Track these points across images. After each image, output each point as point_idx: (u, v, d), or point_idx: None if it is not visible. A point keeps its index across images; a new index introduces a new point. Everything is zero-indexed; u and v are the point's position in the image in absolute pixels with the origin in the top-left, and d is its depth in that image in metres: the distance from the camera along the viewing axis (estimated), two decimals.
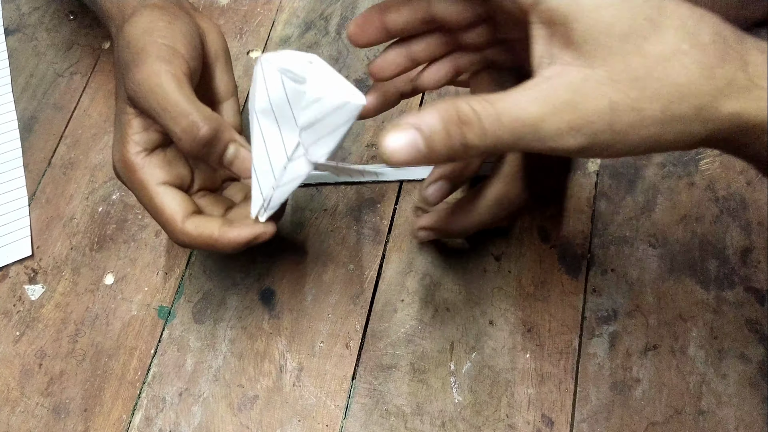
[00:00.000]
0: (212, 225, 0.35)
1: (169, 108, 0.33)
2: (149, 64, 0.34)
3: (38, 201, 0.50)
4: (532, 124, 0.25)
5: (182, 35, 0.36)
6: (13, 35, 0.58)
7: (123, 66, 0.35)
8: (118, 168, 0.37)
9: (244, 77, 0.53)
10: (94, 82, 0.55)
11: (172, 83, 0.33)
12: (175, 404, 0.43)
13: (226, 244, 0.35)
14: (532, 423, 0.40)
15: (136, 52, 0.34)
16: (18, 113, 0.54)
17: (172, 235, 0.36)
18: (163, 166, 0.37)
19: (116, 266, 0.47)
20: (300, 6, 0.56)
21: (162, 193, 0.36)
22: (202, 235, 0.35)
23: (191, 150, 0.34)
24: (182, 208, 0.36)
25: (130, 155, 0.36)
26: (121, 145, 0.36)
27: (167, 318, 0.45)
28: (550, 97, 0.25)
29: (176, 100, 0.33)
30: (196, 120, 0.33)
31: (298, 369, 0.43)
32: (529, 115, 0.25)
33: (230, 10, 0.57)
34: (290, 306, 0.45)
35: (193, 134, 0.33)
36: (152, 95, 0.33)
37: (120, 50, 0.36)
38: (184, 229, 0.35)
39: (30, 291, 0.47)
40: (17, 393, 0.44)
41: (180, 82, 0.34)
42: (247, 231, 0.35)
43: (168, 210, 0.35)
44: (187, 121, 0.33)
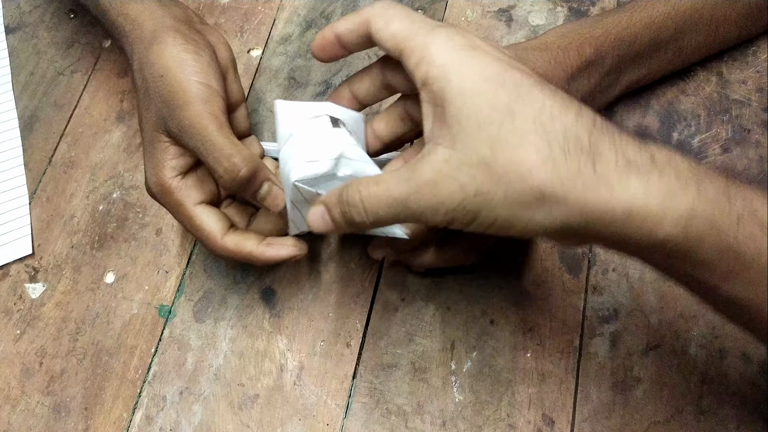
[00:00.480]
0: (250, 243, 0.39)
1: (214, 150, 0.37)
2: (193, 106, 0.37)
3: (39, 199, 0.50)
4: (402, 202, 0.29)
5: (211, 68, 0.39)
6: (14, 33, 0.58)
7: (159, 99, 0.38)
8: (155, 191, 0.40)
9: (244, 75, 0.53)
10: (95, 81, 0.55)
11: (214, 125, 0.37)
12: (176, 403, 0.43)
13: (264, 260, 0.39)
14: (532, 422, 0.40)
15: (176, 91, 0.37)
16: (18, 111, 0.54)
17: (212, 250, 0.39)
18: (197, 186, 0.40)
19: (117, 265, 0.47)
20: (301, 4, 0.56)
21: (200, 213, 0.39)
22: (242, 251, 0.39)
23: (230, 187, 0.38)
24: (219, 225, 0.39)
25: (167, 179, 0.39)
26: (158, 170, 0.39)
27: (168, 317, 0.45)
28: (415, 178, 0.28)
29: (220, 142, 0.36)
30: (237, 162, 0.36)
31: (299, 368, 0.43)
32: (399, 194, 0.29)
33: (231, 9, 0.57)
34: (291, 305, 0.45)
35: (234, 174, 0.36)
36: (198, 137, 0.37)
37: (149, 78, 0.39)
38: (225, 245, 0.39)
39: (30, 289, 0.47)
40: (18, 392, 0.44)
41: (221, 124, 0.37)
42: (285, 251, 0.39)
43: (207, 228, 0.39)
44: (229, 162, 0.36)
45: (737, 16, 0.45)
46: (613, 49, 0.42)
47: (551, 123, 0.27)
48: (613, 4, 0.52)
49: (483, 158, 0.27)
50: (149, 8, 0.42)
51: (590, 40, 0.42)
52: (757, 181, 0.44)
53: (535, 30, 0.52)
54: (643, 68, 0.45)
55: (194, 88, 0.38)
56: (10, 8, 0.60)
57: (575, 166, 0.26)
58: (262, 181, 0.38)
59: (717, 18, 0.44)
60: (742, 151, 0.45)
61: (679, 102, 0.48)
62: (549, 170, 0.26)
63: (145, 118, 0.40)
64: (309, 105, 0.36)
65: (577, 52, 0.41)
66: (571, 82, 0.41)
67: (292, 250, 0.40)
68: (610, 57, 0.42)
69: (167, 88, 0.38)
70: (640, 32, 0.43)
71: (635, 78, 0.45)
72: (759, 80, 0.47)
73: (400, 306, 0.44)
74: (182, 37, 0.40)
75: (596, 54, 0.42)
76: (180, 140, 0.38)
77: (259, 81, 0.53)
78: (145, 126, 0.40)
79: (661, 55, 0.45)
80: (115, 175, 0.51)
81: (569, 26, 0.43)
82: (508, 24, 0.52)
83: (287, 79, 0.53)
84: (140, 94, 0.40)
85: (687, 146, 0.46)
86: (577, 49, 0.41)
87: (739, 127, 0.46)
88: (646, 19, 0.43)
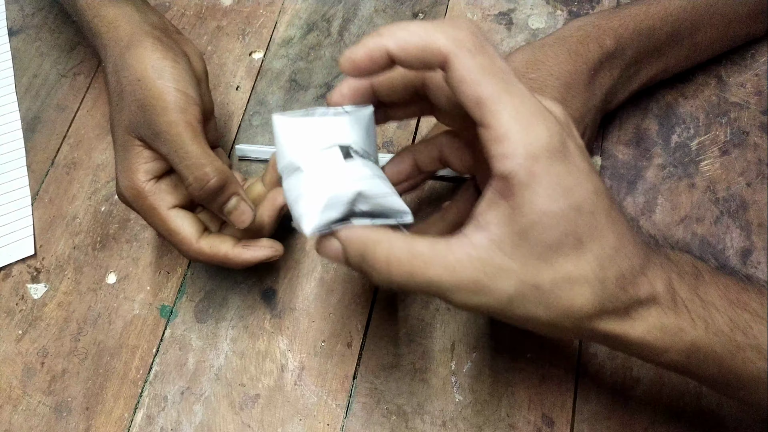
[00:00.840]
0: (225, 245, 0.39)
1: (186, 157, 0.37)
2: (170, 114, 0.37)
3: (41, 200, 0.51)
4: (433, 285, 0.27)
5: (188, 76, 0.39)
6: (17, 36, 0.59)
7: (135, 103, 0.38)
8: (127, 195, 0.39)
9: (246, 78, 0.54)
10: (98, 83, 0.55)
11: (189, 133, 0.37)
12: (177, 403, 0.43)
13: (240, 262, 0.39)
14: (532, 423, 0.40)
15: (154, 97, 0.38)
16: (21, 113, 0.55)
17: (187, 253, 0.39)
18: (171, 191, 0.40)
19: (118, 265, 0.48)
20: (302, 8, 0.56)
21: (174, 217, 0.39)
22: (218, 254, 0.39)
23: (198, 196, 0.38)
24: (194, 229, 0.39)
25: (140, 183, 0.39)
26: (131, 173, 0.39)
27: (169, 317, 0.45)
28: (459, 271, 0.26)
29: (193, 151, 0.37)
30: (208, 171, 0.37)
31: (300, 368, 0.43)
32: (434, 277, 0.27)
33: (233, 12, 0.57)
34: (292, 305, 0.45)
35: (203, 183, 0.37)
36: (172, 144, 0.37)
37: (125, 82, 0.39)
38: (201, 248, 0.39)
39: (33, 290, 0.47)
40: (19, 391, 0.44)
41: (195, 133, 0.38)
42: (261, 252, 0.40)
43: (182, 232, 0.39)
44: (200, 171, 0.37)
45: (749, 13, 0.45)
46: (632, 40, 0.42)
47: (610, 265, 0.27)
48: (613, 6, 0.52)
49: (538, 281, 0.26)
50: (127, 12, 0.42)
51: (609, 31, 0.42)
52: (756, 181, 0.45)
53: (535, 33, 0.52)
54: (660, 62, 0.45)
55: (171, 95, 0.38)
56: (13, 11, 0.60)
57: (614, 303, 0.27)
58: (231, 194, 0.38)
59: (729, 14, 0.44)
60: (740, 154, 0.46)
61: (678, 105, 0.48)
62: (595, 308, 0.27)
63: (117, 120, 0.40)
64: (313, 125, 0.30)
65: (597, 44, 0.41)
66: (594, 76, 0.41)
67: (268, 251, 0.40)
68: (630, 49, 0.42)
69: (144, 92, 0.38)
70: (657, 25, 0.43)
71: (653, 72, 0.45)
72: (757, 83, 0.48)
73: (401, 306, 0.44)
74: (160, 44, 0.40)
75: (617, 45, 0.41)
76: (153, 145, 0.38)
77: (261, 84, 0.53)
78: (117, 129, 0.40)
79: (677, 50, 0.45)
80: None
81: (586, 19, 0.43)
82: (508, 27, 0.53)
83: (289, 82, 0.53)
84: (113, 96, 0.40)
85: (686, 148, 0.46)
86: (596, 40, 0.41)
87: (737, 129, 0.47)
88: (662, 12, 0.43)
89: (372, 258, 0.27)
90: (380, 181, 0.30)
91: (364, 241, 0.28)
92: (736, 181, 0.45)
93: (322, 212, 0.29)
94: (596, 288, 0.26)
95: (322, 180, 0.29)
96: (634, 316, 0.28)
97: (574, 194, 0.26)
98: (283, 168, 0.31)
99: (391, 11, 0.55)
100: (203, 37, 0.56)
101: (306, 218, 0.29)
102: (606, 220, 0.27)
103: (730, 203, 0.44)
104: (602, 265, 0.26)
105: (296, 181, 0.30)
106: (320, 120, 0.30)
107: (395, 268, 0.27)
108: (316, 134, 0.30)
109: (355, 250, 0.28)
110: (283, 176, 0.31)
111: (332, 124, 0.30)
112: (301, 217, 0.29)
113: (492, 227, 0.26)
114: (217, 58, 0.55)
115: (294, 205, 0.30)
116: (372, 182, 0.30)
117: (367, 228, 0.29)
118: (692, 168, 0.46)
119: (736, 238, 0.43)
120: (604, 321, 0.27)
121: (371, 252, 0.27)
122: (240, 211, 0.39)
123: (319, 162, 0.30)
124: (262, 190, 0.43)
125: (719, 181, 0.45)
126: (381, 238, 0.28)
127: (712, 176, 0.45)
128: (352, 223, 0.29)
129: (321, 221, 0.29)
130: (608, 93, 0.43)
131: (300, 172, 0.30)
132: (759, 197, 0.44)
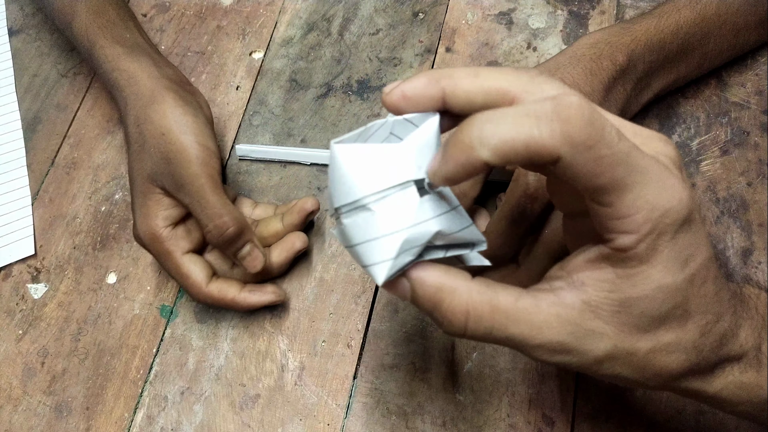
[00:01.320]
0: (232, 290, 0.42)
1: (207, 206, 0.40)
2: (193, 167, 0.40)
3: (41, 200, 0.51)
4: (519, 344, 0.25)
5: (207, 129, 0.43)
6: (17, 36, 0.59)
7: (158, 155, 0.41)
8: (145, 239, 0.42)
9: (246, 77, 0.54)
10: (98, 83, 0.55)
11: (210, 185, 0.40)
12: (177, 403, 0.43)
13: (245, 306, 0.42)
14: (533, 423, 0.40)
15: (178, 150, 0.41)
16: (21, 113, 0.55)
17: (197, 296, 0.42)
18: (185, 237, 0.43)
19: (119, 265, 0.48)
20: (302, 7, 0.56)
21: (187, 262, 0.42)
22: (225, 298, 0.42)
23: (216, 242, 0.41)
24: (204, 274, 0.42)
25: (159, 228, 0.42)
26: (149, 219, 0.42)
27: (169, 317, 0.45)
28: (548, 333, 0.24)
29: (213, 201, 0.40)
30: (227, 221, 0.40)
31: (300, 368, 0.43)
32: (521, 339, 0.24)
33: (233, 12, 0.57)
34: (292, 305, 0.45)
35: (222, 231, 0.40)
36: (195, 194, 0.40)
37: (148, 135, 0.42)
38: (210, 292, 0.41)
39: (33, 290, 0.47)
40: (20, 391, 0.44)
41: (216, 184, 0.41)
42: (266, 297, 0.42)
43: (193, 276, 0.41)
44: (220, 220, 0.40)
45: (757, 22, 0.45)
46: (643, 55, 0.42)
47: (710, 333, 0.26)
48: (613, 7, 0.52)
49: (634, 349, 0.25)
50: (145, 67, 0.45)
51: (621, 48, 0.42)
52: (757, 181, 0.45)
53: (535, 33, 0.52)
54: (672, 74, 0.45)
55: (194, 149, 0.41)
56: (13, 11, 0.60)
57: (703, 365, 0.26)
58: (246, 241, 0.41)
59: (739, 24, 0.44)
60: (741, 153, 0.46)
61: (678, 104, 0.48)
62: (685, 370, 0.26)
63: (138, 169, 0.42)
64: (380, 155, 0.25)
65: (611, 61, 0.41)
66: (609, 93, 0.41)
67: (272, 296, 0.43)
68: (641, 63, 0.42)
69: (168, 146, 0.41)
70: (668, 38, 0.43)
71: (665, 83, 0.45)
72: (758, 83, 0.48)
73: (401, 307, 0.44)
74: (180, 99, 0.43)
75: (628, 61, 0.41)
76: (175, 194, 0.41)
77: (261, 83, 0.53)
78: (136, 177, 0.43)
79: (688, 61, 0.45)
80: (118, 176, 0.51)
81: (597, 35, 0.43)
82: (509, 27, 0.53)
83: (289, 81, 0.53)
84: (134, 146, 0.43)
85: (686, 148, 0.46)
86: (609, 58, 0.41)
87: (738, 129, 0.47)
88: (673, 25, 0.43)
89: (448, 310, 0.25)
90: (456, 214, 0.26)
91: (438, 288, 0.25)
92: (736, 181, 0.45)
93: (395, 259, 0.25)
94: (691, 354, 0.25)
95: (395, 222, 0.25)
96: (716, 373, 0.27)
97: (691, 266, 0.24)
98: (343, 204, 0.26)
99: (391, 11, 0.55)
100: (203, 36, 0.56)
101: (379, 267, 0.25)
102: (713, 287, 0.25)
103: (731, 203, 0.44)
104: (703, 334, 0.25)
105: (363, 221, 0.26)
106: (388, 149, 0.26)
107: (473, 323, 0.24)
108: (386, 166, 0.26)
109: (428, 298, 0.25)
110: (343, 212, 0.27)
111: (401, 152, 0.26)
112: (372, 265, 0.26)
113: (589, 289, 0.24)
114: (217, 57, 0.55)
115: (360, 248, 0.26)
116: (449, 217, 0.26)
117: (441, 272, 0.25)
118: (693, 168, 0.46)
119: (736, 238, 0.43)
120: (688, 380, 0.26)
121: (447, 302, 0.25)
122: (252, 257, 0.42)
123: (392, 201, 0.26)
124: (280, 229, 0.45)
125: (720, 180, 0.45)
126: (458, 287, 0.25)
127: (713, 176, 0.45)
128: (423, 258, 0.26)
129: (395, 269, 0.25)
130: (623, 107, 0.43)
131: (368, 211, 0.26)
132: (760, 197, 0.44)
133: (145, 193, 0.42)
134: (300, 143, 0.51)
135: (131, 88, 0.44)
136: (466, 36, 0.53)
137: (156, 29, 0.57)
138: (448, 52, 0.52)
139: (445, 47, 0.53)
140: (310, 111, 0.52)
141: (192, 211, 0.41)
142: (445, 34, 0.53)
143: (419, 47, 0.53)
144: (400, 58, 0.53)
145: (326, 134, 0.51)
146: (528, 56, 0.51)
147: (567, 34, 0.52)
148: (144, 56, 0.46)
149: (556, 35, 0.52)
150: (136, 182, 0.43)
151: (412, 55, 0.53)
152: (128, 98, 0.44)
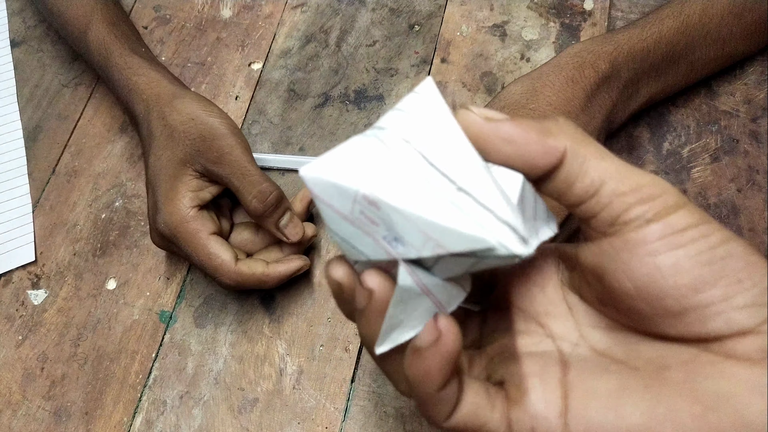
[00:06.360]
0: (260, 265, 0.42)
1: (248, 174, 0.41)
2: (228, 138, 0.42)
3: (42, 208, 0.51)
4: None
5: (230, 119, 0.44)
6: (19, 47, 0.60)
7: (192, 137, 0.43)
8: (171, 224, 0.42)
9: (245, 88, 0.55)
10: (99, 93, 0.56)
11: (247, 155, 0.42)
12: (176, 407, 0.43)
13: (276, 277, 0.42)
14: None
15: (211, 127, 0.42)
16: (23, 122, 0.55)
17: (227, 274, 0.41)
18: (211, 220, 0.43)
19: (118, 272, 0.48)
20: (300, 20, 0.58)
21: (214, 242, 0.42)
22: (255, 273, 0.42)
23: (258, 211, 0.41)
24: (231, 254, 0.42)
25: (186, 209, 0.42)
26: (177, 201, 0.42)
27: (168, 322, 0.46)
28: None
29: (252, 170, 0.42)
30: (269, 187, 0.41)
31: (298, 372, 0.43)
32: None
33: (232, 24, 0.58)
34: (290, 310, 0.45)
35: (265, 197, 0.41)
36: (234, 164, 0.42)
37: (177, 124, 0.43)
38: (239, 269, 0.41)
39: (33, 296, 0.48)
40: (19, 396, 0.44)
41: (250, 155, 0.42)
42: (293, 264, 0.43)
43: (223, 255, 0.42)
44: (260, 187, 0.41)
45: (742, 32, 0.46)
46: (627, 62, 0.43)
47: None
48: (604, 20, 0.54)
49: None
50: (165, 74, 0.48)
51: (603, 56, 0.42)
52: (747, 187, 0.46)
53: (528, 45, 0.53)
54: (659, 82, 0.45)
55: (225, 125, 0.43)
56: (15, 23, 0.61)
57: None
58: (285, 209, 0.43)
59: (723, 34, 0.45)
60: (731, 160, 0.47)
61: (669, 113, 0.49)
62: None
63: (167, 157, 0.43)
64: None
65: (593, 69, 0.42)
66: (592, 99, 0.42)
67: (299, 263, 0.43)
68: (625, 70, 0.43)
69: (200, 127, 0.43)
70: (651, 47, 0.43)
71: (653, 91, 0.46)
72: (747, 92, 0.49)
73: None
74: (202, 97, 0.45)
75: (611, 69, 0.42)
76: (211, 170, 0.42)
77: (260, 93, 0.54)
78: (166, 165, 0.43)
79: (674, 70, 0.45)
80: (118, 184, 0.51)
81: (580, 46, 0.44)
82: (502, 39, 0.54)
83: (287, 92, 0.54)
84: (160, 139, 0.44)
85: (677, 156, 0.47)
86: (592, 66, 0.42)
87: (727, 137, 0.48)
88: (656, 34, 0.43)
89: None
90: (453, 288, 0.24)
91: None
92: (727, 188, 0.46)
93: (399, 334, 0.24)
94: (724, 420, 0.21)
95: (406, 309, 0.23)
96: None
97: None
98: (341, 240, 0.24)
99: (387, 23, 0.56)
100: (203, 48, 0.57)
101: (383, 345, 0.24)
102: None
103: (722, 209, 0.45)
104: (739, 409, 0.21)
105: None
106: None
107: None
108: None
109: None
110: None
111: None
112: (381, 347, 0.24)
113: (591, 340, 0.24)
114: (217, 68, 0.56)
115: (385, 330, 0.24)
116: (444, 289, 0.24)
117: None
118: (684, 175, 0.47)
119: None
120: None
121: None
122: (294, 224, 0.43)
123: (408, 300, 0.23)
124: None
125: (710, 187, 0.46)
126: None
127: (704, 183, 0.46)
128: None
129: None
130: (609, 114, 0.43)
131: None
132: (750, 203, 0.45)
133: (176, 176, 0.43)
134: (298, 151, 0.51)
135: (152, 90, 0.46)
136: (461, 47, 0.54)
137: (156, 41, 0.58)
138: (443, 62, 0.53)
139: (441, 58, 0.54)
140: (308, 120, 0.53)
141: (231, 183, 0.42)
142: (441, 46, 0.54)
143: (415, 58, 0.54)
144: (396, 68, 0.54)
145: (324, 143, 0.51)
146: (521, 67, 0.52)
147: (559, 46, 0.53)
148: (159, 66, 0.49)
149: (549, 47, 0.53)
150: (165, 170, 0.43)
151: (408, 66, 0.54)
152: (149, 99, 0.46)
